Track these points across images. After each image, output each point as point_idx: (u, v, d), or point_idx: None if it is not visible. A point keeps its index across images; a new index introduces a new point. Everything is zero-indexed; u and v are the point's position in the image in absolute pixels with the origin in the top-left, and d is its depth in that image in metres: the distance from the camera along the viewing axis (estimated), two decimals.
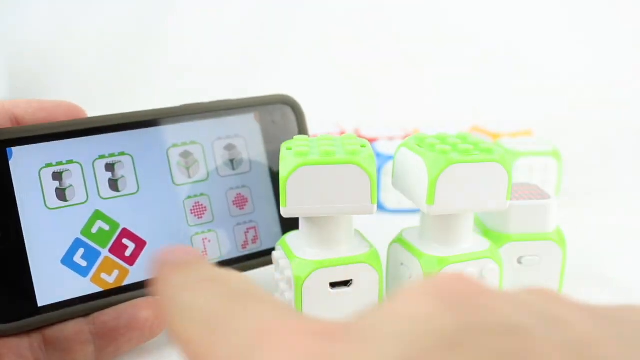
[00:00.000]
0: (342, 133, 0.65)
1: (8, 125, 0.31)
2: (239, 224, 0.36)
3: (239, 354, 0.16)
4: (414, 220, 0.36)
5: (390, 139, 0.63)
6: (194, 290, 0.20)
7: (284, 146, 0.32)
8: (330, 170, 0.30)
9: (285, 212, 0.30)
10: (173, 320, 0.19)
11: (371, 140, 0.62)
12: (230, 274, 0.20)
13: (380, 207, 0.56)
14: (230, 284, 0.20)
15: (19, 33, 0.98)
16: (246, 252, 0.37)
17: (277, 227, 0.38)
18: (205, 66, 0.95)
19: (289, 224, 0.35)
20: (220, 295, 0.19)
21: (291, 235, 0.34)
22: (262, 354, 0.16)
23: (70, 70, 0.97)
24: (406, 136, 0.65)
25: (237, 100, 0.37)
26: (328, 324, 0.16)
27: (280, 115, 0.38)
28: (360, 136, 0.65)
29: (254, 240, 0.37)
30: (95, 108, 0.34)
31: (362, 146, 0.31)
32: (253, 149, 0.37)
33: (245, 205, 0.37)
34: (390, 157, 0.54)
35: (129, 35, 0.97)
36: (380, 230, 0.37)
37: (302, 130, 0.38)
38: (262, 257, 0.37)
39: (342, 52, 0.94)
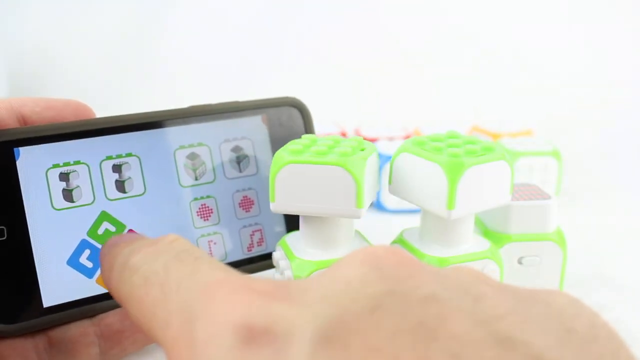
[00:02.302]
0: (343, 133, 0.65)
1: (15, 124, 0.31)
2: (245, 226, 0.37)
3: (187, 307, 0.18)
4: (414, 221, 0.36)
5: (391, 139, 0.63)
6: (140, 252, 0.21)
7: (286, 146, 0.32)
8: (317, 171, 0.30)
9: (274, 208, 0.30)
10: (122, 283, 0.21)
11: (371, 140, 0.62)
12: (171, 236, 0.22)
13: (381, 208, 0.56)
14: (175, 247, 0.21)
15: (19, 33, 0.98)
16: (251, 254, 0.37)
17: (283, 230, 0.38)
18: (205, 66, 0.95)
19: (295, 227, 0.35)
20: (167, 258, 0.20)
21: (291, 235, 0.34)
22: (206, 307, 0.17)
23: (70, 71, 0.97)
24: (407, 136, 0.65)
25: (245, 102, 0.37)
26: (271, 283, 0.18)
27: (288, 117, 0.38)
28: (360, 137, 0.65)
29: (260, 243, 0.37)
30: (95, 108, 0.34)
31: (362, 149, 0.31)
32: (260, 151, 0.37)
33: (251, 207, 0.37)
34: (390, 158, 0.54)
35: (129, 35, 0.97)
36: (381, 231, 0.38)
37: (309, 132, 0.38)
38: (268, 260, 0.37)
39: (343, 52, 0.94)
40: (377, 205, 0.56)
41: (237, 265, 0.36)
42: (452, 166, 0.30)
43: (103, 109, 0.35)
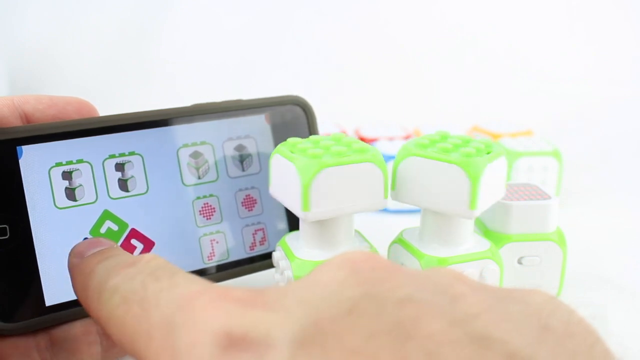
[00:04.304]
0: (342, 133, 0.65)
1: (18, 122, 0.31)
2: (247, 225, 0.37)
3: (168, 319, 0.18)
4: (414, 221, 0.36)
5: (391, 139, 0.63)
6: (118, 275, 0.21)
7: (284, 148, 0.31)
8: (347, 170, 0.30)
9: (308, 217, 0.30)
10: (102, 305, 0.21)
11: (371, 141, 0.63)
12: (148, 256, 0.22)
13: None
14: (151, 265, 0.21)
15: (19, 32, 0.98)
16: (254, 253, 0.37)
17: (285, 229, 0.38)
18: (204, 66, 0.95)
19: (297, 226, 0.35)
20: (145, 276, 0.21)
21: (291, 235, 0.34)
22: (186, 317, 0.17)
23: (72, 70, 0.97)
24: (407, 136, 0.65)
25: (248, 100, 0.37)
26: (249, 291, 0.18)
27: (291, 116, 0.38)
28: (360, 137, 0.65)
29: (262, 242, 0.37)
30: (97, 107, 0.33)
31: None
32: (263, 150, 0.37)
33: (254, 206, 0.37)
34: (390, 157, 0.54)
35: (129, 35, 0.97)
36: (381, 231, 0.38)
37: (313, 131, 0.38)
38: (270, 259, 0.37)
39: (343, 52, 0.94)
40: None
41: (239, 264, 0.36)
42: (471, 166, 0.30)
43: (105, 108, 0.35)
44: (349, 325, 0.16)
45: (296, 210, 0.30)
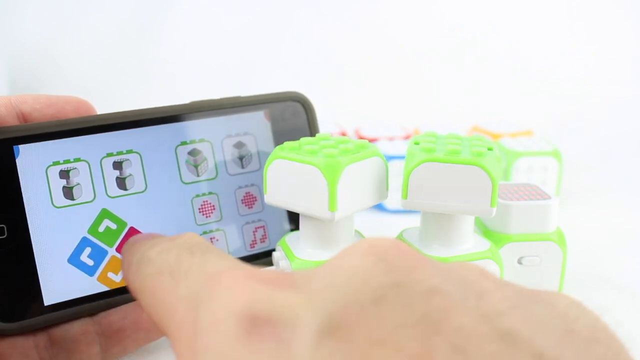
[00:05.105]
0: (342, 133, 0.65)
1: (15, 121, 0.31)
2: (247, 222, 0.37)
3: (194, 294, 0.18)
4: (414, 221, 0.36)
5: (391, 139, 0.63)
6: (157, 247, 0.22)
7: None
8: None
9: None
10: (137, 275, 0.22)
11: (371, 141, 0.62)
12: (188, 234, 0.23)
13: (381, 208, 0.56)
14: (189, 241, 0.22)
15: (19, 33, 0.98)
16: (254, 251, 0.37)
17: (286, 227, 0.38)
18: (204, 66, 0.95)
19: (298, 224, 0.35)
20: (181, 250, 0.21)
21: (291, 235, 0.34)
22: (211, 294, 0.17)
23: (71, 69, 0.97)
24: (407, 136, 0.65)
25: (248, 97, 0.37)
26: (276, 273, 0.18)
27: (291, 112, 0.38)
28: (360, 136, 0.65)
29: (263, 240, 0.37)
30: (95, 106, 0.33)
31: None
32: (263, 147, 0.37)
33: (254, 204, 0.37)
34: (390, 157, 0.54)
35: (129, 35, 0.97)
36: (381, 231, 0.38)
37: (313, 127, 0.38)
38: (271, 257, 0.37)
39: (343, 52, 0.94)
40: (377, 205, 0.56)
41: None
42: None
43: (105, 108, 0.35)
44: (376, 315, 0.16)
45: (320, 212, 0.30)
